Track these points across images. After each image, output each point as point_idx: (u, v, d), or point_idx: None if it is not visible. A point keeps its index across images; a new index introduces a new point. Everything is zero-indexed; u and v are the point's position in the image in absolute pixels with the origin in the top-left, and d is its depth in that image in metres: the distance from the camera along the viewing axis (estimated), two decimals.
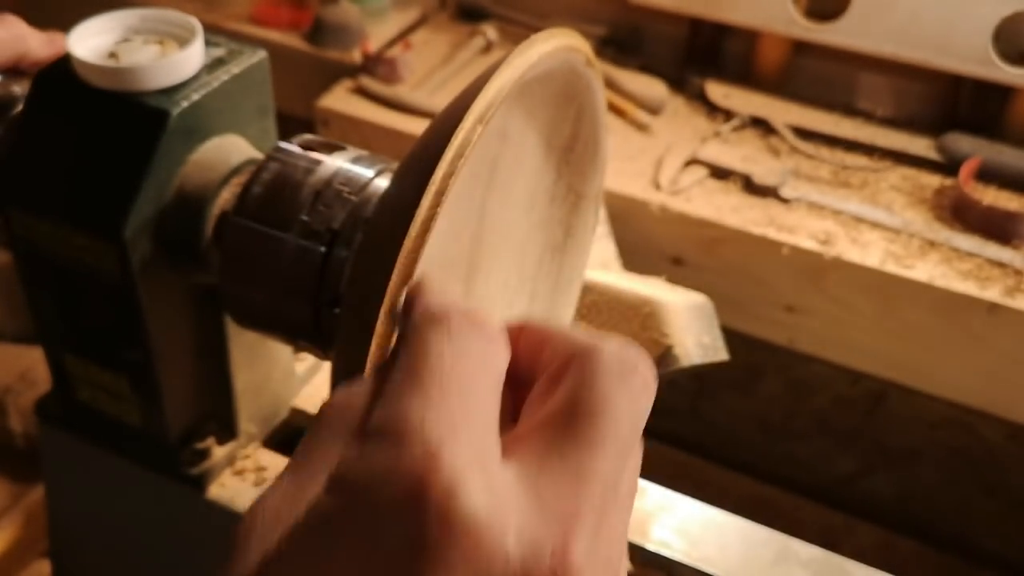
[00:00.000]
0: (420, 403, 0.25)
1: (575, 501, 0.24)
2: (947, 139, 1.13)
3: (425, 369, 0.26)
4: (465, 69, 1.25)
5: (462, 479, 0.23)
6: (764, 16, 1.15)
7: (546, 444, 0.26)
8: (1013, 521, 1.27)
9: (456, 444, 0.24)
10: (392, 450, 0.24)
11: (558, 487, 0.25)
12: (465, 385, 0.26)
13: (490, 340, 0.28)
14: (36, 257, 0.57)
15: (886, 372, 1.08)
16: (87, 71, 0.53)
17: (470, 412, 0.25)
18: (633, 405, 0.27)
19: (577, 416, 0.26)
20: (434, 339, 0.27)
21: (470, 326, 0.27)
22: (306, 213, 0.49)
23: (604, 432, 0.26)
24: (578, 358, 0.28)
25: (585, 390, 0.27)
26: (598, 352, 0.28)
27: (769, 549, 0.65)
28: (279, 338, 0.54)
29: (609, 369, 0.27)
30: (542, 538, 0.23)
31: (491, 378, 0.27)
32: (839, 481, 1.36)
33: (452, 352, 0.26)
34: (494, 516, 0.23)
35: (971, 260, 1.01)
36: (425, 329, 0.27)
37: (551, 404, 0.27)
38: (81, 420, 0.65)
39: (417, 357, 0.26)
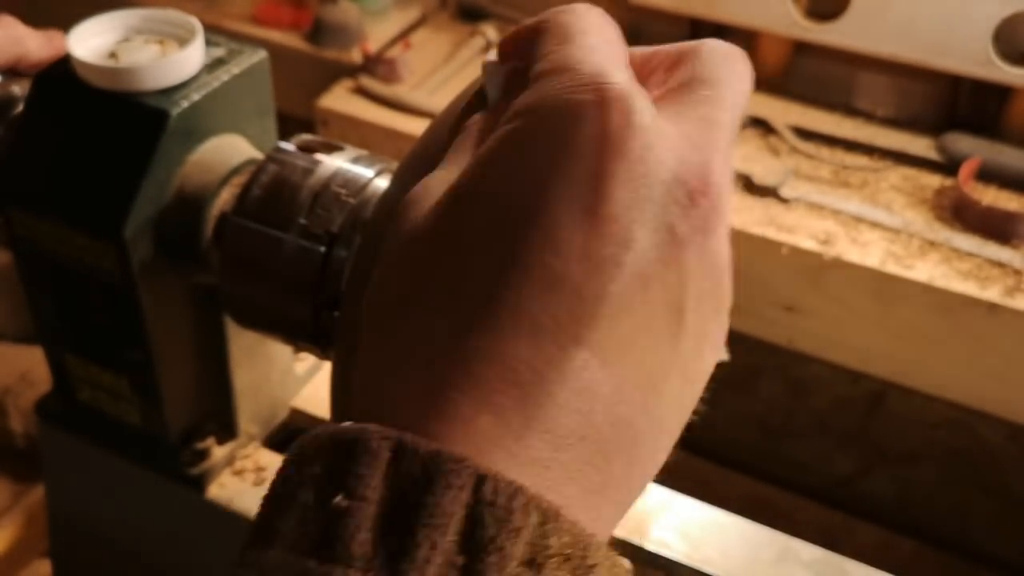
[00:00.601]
0: (577, 49, 0.28)
1: (711, 137, 0.28)
2: (947, 139, 1.13)
3: (570, 33, 0.29)
4: (465, 69, 1.25)
5: (633, 96, 0.26)
6: (764, 16, 1.15)
7: (678, 102, 0.29)
8: (1012, 521, 1.27)
9: (619, 67, 0.27)
10: (568, 74, 0.27)
11: (696, 129, 0.28)
12: (608, 46, 0.29)
13: (610, 22, 0.30)
14: (36, 257, 0.57)
15: (886, 372, 1.08)
16: (87, 71, 0.53)
17: (620, 62, 0.28)
18: (740, 82, 0.30)
19: (698, 83, 0.29)
20: (567, 18, 0.30)
21: (596, 11, 0.30)
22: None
23: (722, 94, 0.29)
24: (690, 50, 0.31)
25: (701, 68, 0.30)
26: (705, 42, 0.31)
27: (770, 549, 0.65)
28: (279, 338, 0.54)
29: (719, 52, 0.31)
30: (692, 155, 0.27)
31: (624, 48, 0.30)
32: (839, 481, 1.36)
33: (588, 24, 0.29)
34: (659, 129, 0.27)
35: (971, 260, 1.01)
36: (556, 15, 0.30)
37: (674, 79, 0.30)
38: (81, 420, 0.65)
39: (558, 29, 0.29)
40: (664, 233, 0.26)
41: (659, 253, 0.26)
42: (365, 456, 0.23)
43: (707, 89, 0.29)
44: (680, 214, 0.26)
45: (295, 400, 0.71)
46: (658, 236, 0.26)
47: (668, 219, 0.26)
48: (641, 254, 0.25)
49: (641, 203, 0.26)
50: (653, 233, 0.26)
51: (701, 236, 0.26)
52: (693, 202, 0.26)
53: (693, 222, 0.26)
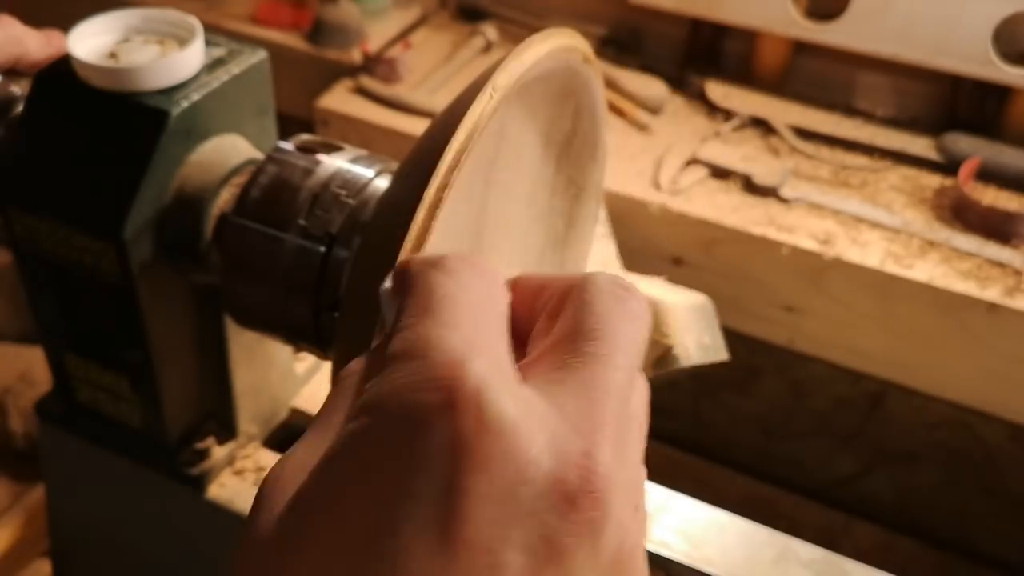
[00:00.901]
0: (435, 326, 0.25)
1: (594, 412, 0.25)
2: (947, 139, 1.13)
3: (433, 301, 0.26)
4: (465, 69, 1.25)
5: (490, 384, 0.23)
6: (764, 16, 1.15)
7: (557, 365, 0.26)
8: (1012, 521, 1.27)
9: (478, 356, 0.24)
10: (417, 364, 0.24)
11: (576, 400, 0.25)
12: (475, 313, 0.26)
13: (492, 280, 0.28)
14: (36, 257, 0.57)
15: (886, 372, 1.08)
16: (87, 71, 0.53)
17: (484, 334, 0.26)
18: (631, 326, 0.27)
19: (581, 336, 0.27)
20: (437, 279, 0.27)
21: (470, 267, 0.28)
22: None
23: (609, 347, 0.26)
24: (575, 289, 0.28)
25: (585, 313, 0.27)
26: (592, 280, 0.28)
27: (769, 549, 0.65)
28: (279, 338, 0.54)
29: (605, 294, 0.28)
30: (570, 443, 0.24)
31: (498, 310, 0.27)
32: (839, 481, 1.36)
33: (457, 287, 0.27)
34: (523, 420, 0.23)
35: (971, 260, 1.01)
36: (426, 273, 0.27)
37: (555, 332, 0.27)
38: (81, 420, 0.65)
39: (423, 294, 0.26)
40: (541, 549, 0.23)
41: (536, 571, 0.22)
42: None
43: (593, 341, 0.26)
44: (559, 522, 0.23)
45: (295, 400, 0.71)
46: (533, 554, 0.22)
47: (544, 531, 0.23)
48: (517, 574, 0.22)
49: (507, 519, 0.22)
50: (525, 552, 0.22)
51: (589, 541, 0.23)
52: (573, 505, 0.23)
53: (577, 528, 0.23)
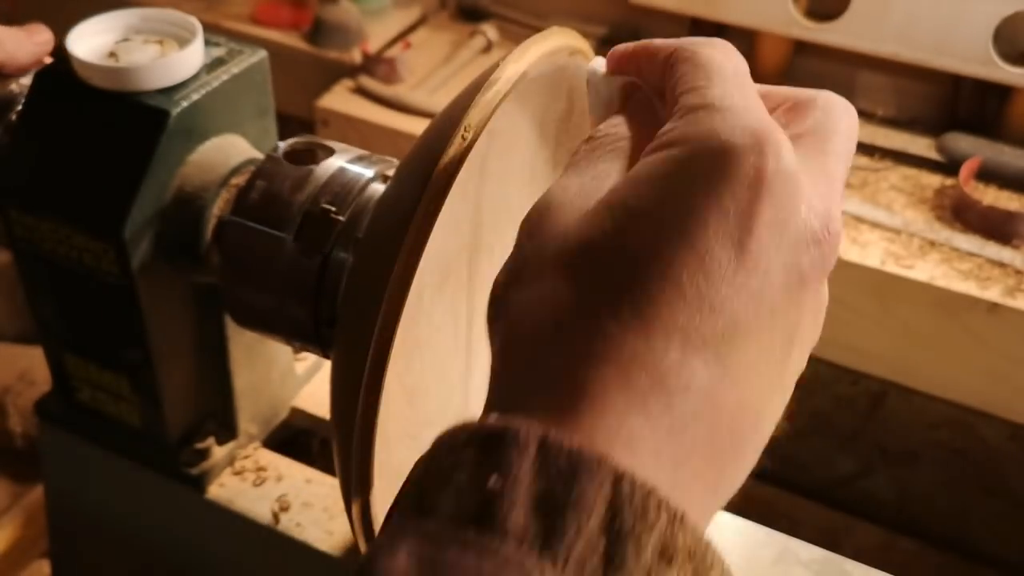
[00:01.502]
0: (731, 89, 0.30)
1: (832, 190, 0.30)
2: (947, 139, 1.13)
3: (717, 68, 0.31)
4: (465, 69, 1.25)
5: (784, 142, 0.29)
6: (764, 16, 1.15)
7: (804, 151, 0.31)
8: (1012, 521, 1.27)
9: (769, 119, 0.30)
10: (726, 114, 0.29)
11: (820, 178, 0.30)
12: (747, 80, 0.32)
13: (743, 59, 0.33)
14: (36, 257, 0.57)
15: (886, 372, 1.08)
16: (87, 71, 0.53)
17: (760, 100, 0.31)
18: (851, 137, 0.33)
19: (821, 134, 0.32)
20: (713, 52, 0.32)
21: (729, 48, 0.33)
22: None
23: (839, 149, 0.32)
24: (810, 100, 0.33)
25: (824, 119, 0.33)
26: (824, 95, 0.34)
27: (769, 549, 0.65)
28: (279, 338, 0.54)
29: (838, 107, 0.33)
30: (818, 201, 0.29)
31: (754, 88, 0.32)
32: (839, 481, 1.36)
33: (730, 61, 0.32)
34: (800, 175, 0.29)
35: (971, 260, 1.01)
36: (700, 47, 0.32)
37: (799, 126, 0.32)
38: (81, 420, 0.65)
39: (707, 61, 0.32)
40: (794, 272, 0.29)
41: (787, 290, 0.28)
42: (514, 447, 0.25)
43: (827, 141, 0.32)
44: (807, 256, 0.29)
45: (295, 400, 0.71)
46: (789, 274, 0.28)
47: (798, 260, 0.29)
48: (775, 289, 0.28)
49: (781, 243, 0.28)
50: (786, 271, 0.28)
51: (818, 279, 0.29)
52: (818, 246, 0.29)
53: (815, 264, 0.29)
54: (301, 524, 0.62)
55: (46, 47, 0.58)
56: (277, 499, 0.64)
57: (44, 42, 0.57)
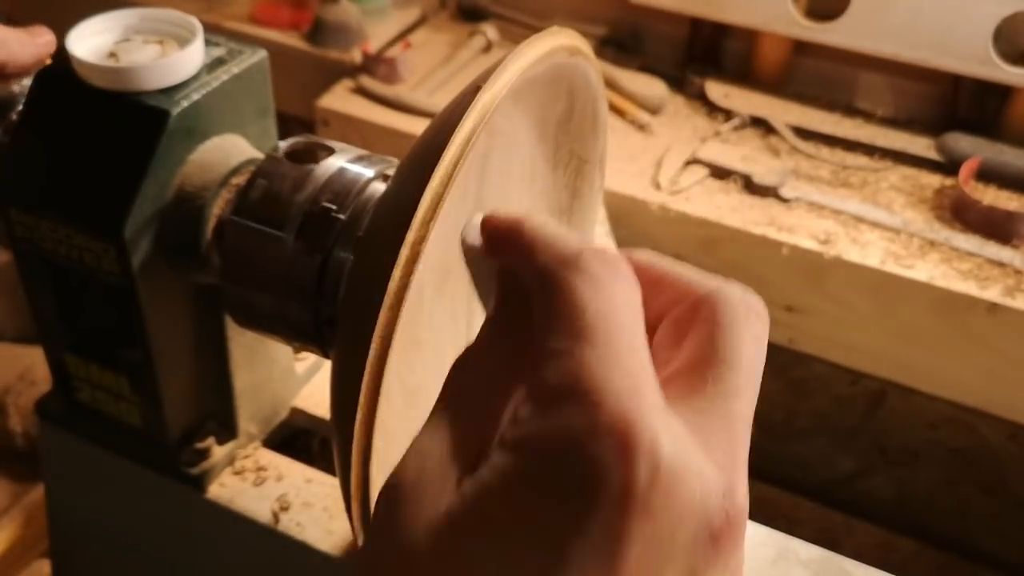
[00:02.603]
0: (593, 357, 0.25)
1: (734, 449, 0.26)
2: (947, 139, 1.13)
3: (585, 322, 0.26)
4: (465, 69, 1.25)
5: (660, 432, 0.24)
6: (764, 16, 1.15)
7: (697, 391, 0.27)
8: (1013, 521, 1.27)
9: (643, 394, 0.25)
10: (585, 408, 0.25)
11: (719, 436, 0.26)
12: (626, 331, 0.26)
13: (628, 279, 0.28)
14: (36, 257, 0.57)
15: (886, 372, 1.08)
16: (87, 71, 0.53)
17: (639, 358, 0.26)
18: (759, 350, 0.29)
19: (716, 366, 0.27)
20: (581, 288, 0.27)
21: (609, 268, 0.27)
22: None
23: (742, 379, 0.27)
24: (707, 306, 0.29)
25: (718, 340, 0.28)
26: (726, 299, 0.29)
27: (769, 549, 0.65)
28: (279, 338, 0.54)
29: (739, 316, 0.29)
30: (716, 483, 0.25)
31: (640, 319, 0.27)
32: (839, 481, 1.36)
33: (604, 299, 0.26)
34: (687, 467, 0.25)
35: (971, 260, 1.01)
36: (567, 278, 0.27)
37: (691, 352, 0.28)
38: (81, 420, 0.65)
39: (570, 310, 0.26)
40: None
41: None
42: None
43: (727, 372, 0.28)
44: (702, 558, 0.25)
45: (295, 400, 0.71)
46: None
47: (690, 566, 0.25)
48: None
49: (663, 559, 0.24)
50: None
51: (721, 568, 0.26)
52: (717, 544, 0.25)
53: (715, 562, 0.25)
54: (301, 524, 0.62)
55: (48, 48, 0.58)
56: (277, 499, 0.64)
57: (46, 43, 0.57)
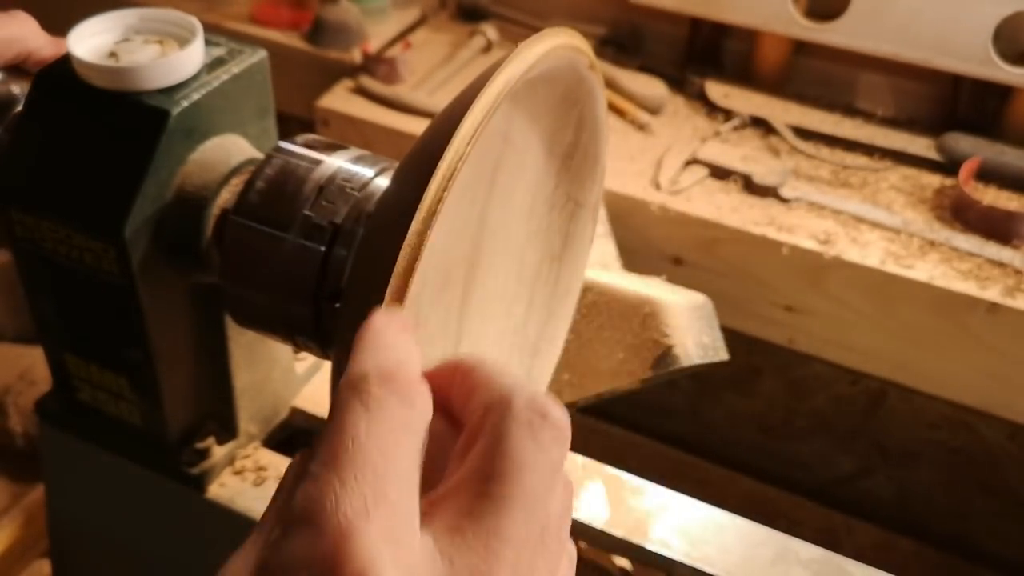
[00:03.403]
0: (334, 484, 0.26)
1: (487, 566, 0.26)
2: (947, 139, 1.13)
3: (341, 447, 0.27)
4: (465, 69, 1.25)
5: (374, 560, 0.25)
6: (764, 16, 1.15)
7: (460, 509, 0.27)
8: (1013, 521, 1.27)
9: (369, 524, 0.25)
10: (307, 535, 0.25)
11: (471, 554, 0.26)
12: (382, 458, 0.27)
13: (410, 404, 0.28)
14: (36, 257, 0.57)
15: (886, 372, 1.08)
16: (87, 70, 0.53)
17: (386, 487, 0.26)
18: (543, 456, 0.28)
19: (488, 478, 0.28)
20: (351, 413, 0.28)
21: (388, 393, 0.28)
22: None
23: (513, 492, 0.27)
24: (492, 412, 0.29)
25: (496, 450, 0.28)
26: (509, 407, 0.29)
27: (769, 549, 0.65)
28: (279, 337, 0.54)
29: (519, 424, 0.28)
30: None
31: (410, 444, 0.28)
32: (839, 481, 1.36)
33: (369, 424, 0.27)
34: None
35: (971, 260, 1.01)
36: (344, 401, 0.28)
37: (465, 465, 0.28)
38: (81, 420, 0.65)
39: (335, 433, 0.27)
40: None
41: None
42: None
43: (498, 484, 0.27)
44: None
45: (295, 400, 0.71)
46: None
47: None
48: None
49: None
50: None
51: None
52: None
53: None
54: None
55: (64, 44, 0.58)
56: None
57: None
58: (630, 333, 0.77)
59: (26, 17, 0.59)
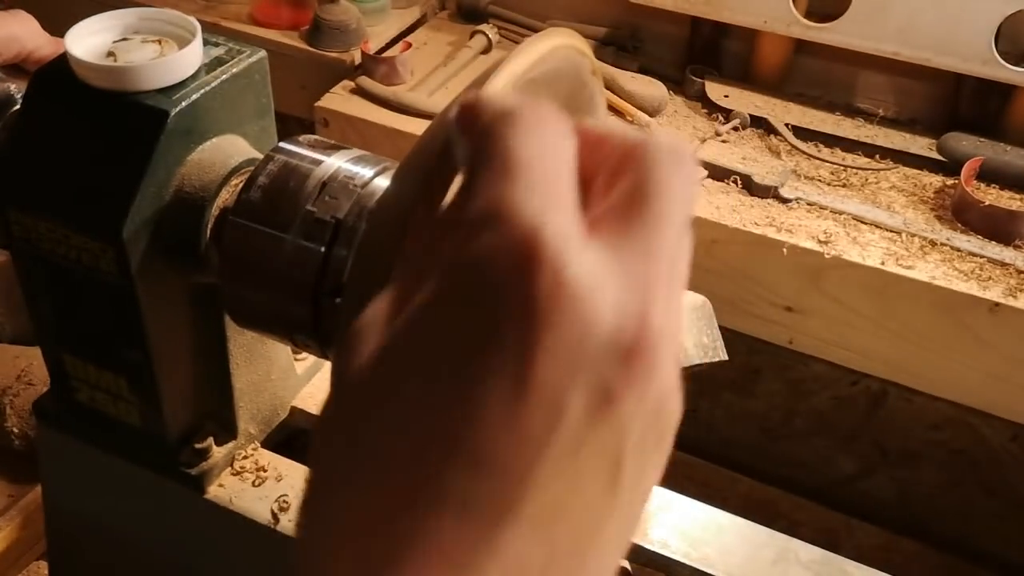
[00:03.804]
0: (513, 187, 0.27)
1: (649, 274, 0.27)
2: (948, 139, 1.13)
3: (510, 159, 0.27)
4: (465, 69, 1.25)
5: (566, 249, 0.25)
6: (764, 16, 1.15)
7: (617, 226, 0.28)
8: (1014, 522, 1.27)
9: (556, 219, 0.26)
10: (497, 229, 0.26)
11: (634, 262, 0.27)
12: (550, 169, 0.27)
13: (562, 132, 0.29)
14: (34, 257, 0.57)
15: (886, 372, 1.08)
16: (85, 70, 0.52)
17: (560, 193, 0.27)
18: (685, 189, 0.29)
19: (641, 200, 0.28)
20: (511, 133, 0.28)
21: (541, 119, 0.29)
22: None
23: (665, 213, 0.28)
24: (636, 150, 0.30)
25: (645, 177, 0.29)
26: (653, 144, 0.30)
27: (769, 550, 0.65)
28: (279, 337, 0.54)
29: (664, 157, 0.29)
30: (628, 304, 0.26)
31: (569, 164, 0.28)
32: (839, 481, 1.35)
33: (531, 142, 0.28)
34: (593, 283, 0.26)
35: (972, 260, 1.01)
36: (499, 127, 0.28)
37: (616, 192, 0.29)
38: (79, 420, 0.65)
39: (499, 150, 0.28)
40: (598, 394, 0.25)
41: (592, 416, 0.25)
42: None
43: (651, 206, 0.28)
44: (615, 374, 0.26)
45: (295, 400, 0.70)
46: (591, 398, 0.25)
47: (602, 381, 0.25)
48: (572, 421, 0.25)
49: (572, 370, 0.25)
50: (585, 397, 0.25)
51: (640, 388, 0.26)
52: (629, 362, 0.26)
53: (630, 379, 0.26)
54: None
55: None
56: (277, 499, 0.64)
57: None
58: None
59: (27, 16, 0.59)
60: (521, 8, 1.35)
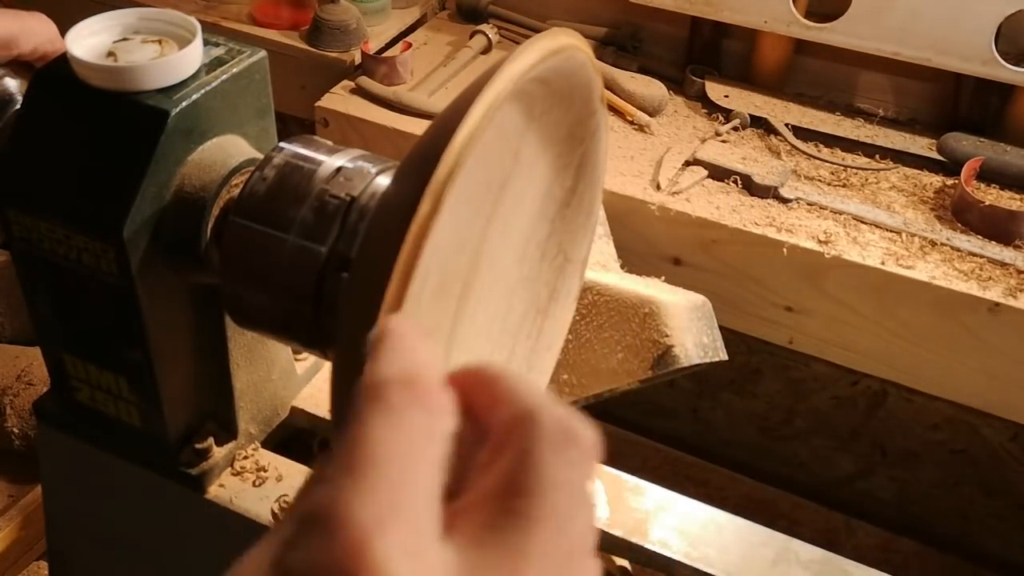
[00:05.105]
0: (352, 489, 0.25)
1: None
2: (948, 139, 1.13)
3: (360, 452, 0.26)
4: (465, 69, 1.25)
5: (390, 569, 0.24)
6: (764, 16, 1.15)
7: (485, 522, 0.26)
8: (1014, 522, 1.27)
9: (386, 533, 0.24)
10: (322, 540, 0.24)
11: (495, 571, 0.25)
12: (403, 466, 0.26)
13: (432, 412, 0.28)
14: (34, 257, 0.57)
15: (886, 372, 1.08)
16: (85, 70, 0.52)
17: (406, 495, 0.25)
18: (572, 475, 0.27)
19: (515, 494, 0.27)
20: (372, 419, 0.27)
21: (411, 400, 0.27)
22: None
23: (541, 510, 0.26)
24: (519, 427, 0.28)
25: (523, 466, 0.27)
26: (538, 423, 0.28)
27: (769, 549, 0.65)
28: (279, 338, 0.54)
29: (548, 442, 0.28)
30: None
31: (432, 452, 0.27)
32: (839, 481, 1.36)
33: (390, 431, 0.26)
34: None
35: (972, 260, 1.01)
36: (364, 407, 0.27)
37: (491, 478, 0.27)
38: (79, 420, 0.65)
39: (354, 438, 0.26)
40: None
41: None
42: None
43: (525, 501, 0.26)
44: None
45: (295, 400, 0.70)
46: None
47: None
48: None
49: None
50: None
51: None
52: None
53: None
54: None
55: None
56: (277, 499, 0.64)
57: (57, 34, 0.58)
58: (630, 333, 0.76)
59: (47, 20, 0.59)
60: (521, 8, 1.35)
